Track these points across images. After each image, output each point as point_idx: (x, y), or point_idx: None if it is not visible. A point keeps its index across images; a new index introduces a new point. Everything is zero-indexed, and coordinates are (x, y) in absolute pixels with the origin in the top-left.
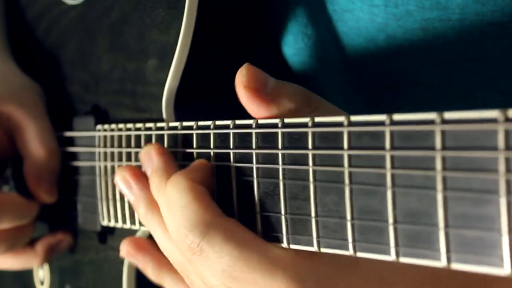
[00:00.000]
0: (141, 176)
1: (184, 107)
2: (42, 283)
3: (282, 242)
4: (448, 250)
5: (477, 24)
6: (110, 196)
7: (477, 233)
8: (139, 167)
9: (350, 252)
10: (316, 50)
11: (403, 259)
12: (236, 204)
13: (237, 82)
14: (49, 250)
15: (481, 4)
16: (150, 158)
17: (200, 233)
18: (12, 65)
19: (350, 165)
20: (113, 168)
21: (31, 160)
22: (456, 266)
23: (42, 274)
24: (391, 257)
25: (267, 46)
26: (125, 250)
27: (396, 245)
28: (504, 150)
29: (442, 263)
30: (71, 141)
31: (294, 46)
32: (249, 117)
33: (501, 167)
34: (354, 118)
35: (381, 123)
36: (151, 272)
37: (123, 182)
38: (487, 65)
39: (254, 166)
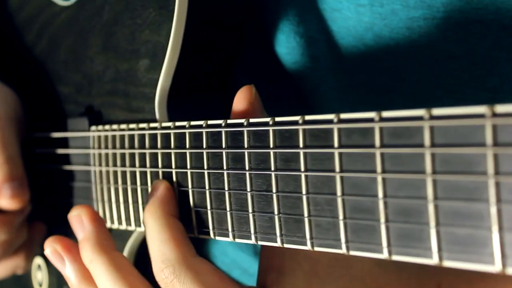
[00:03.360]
0: (71, 248)
1: (177, 107)
2: (40, 285)
3: (276, 242)
4: (439, 249)
5: (462, 22)
6: (106, 198)
7: (468, 230)
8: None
9: (343, 251)
10: (308, 48)
11: (395, 257)
12: (228, 204)
13: (244, 97)
14: (29, 247)
15: (465, 2)
16: (81, 222)
17: (174, 271)
18: None
19: (341, 163)
20: (107, 169)
21: None
22: (448, 264)
23: (40, 276)
24: (384, 255)
25: (260, 45)
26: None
27: (388, 244)
28: (492, 146)
29: (434, 261)
30: (65, 143)
31: (287, 45)
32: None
33: (489, 163)
34: (344, 115)
35: (370, 120)
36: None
37: (53, 255)
38: (473, 63)
39: (247, 165)
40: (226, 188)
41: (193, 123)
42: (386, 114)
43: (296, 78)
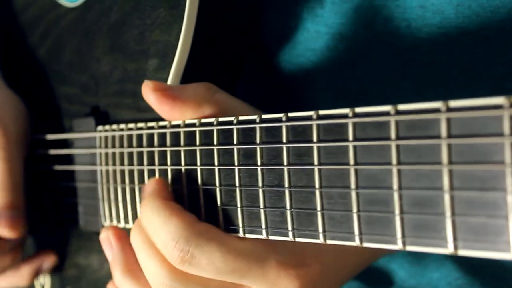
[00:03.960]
0: (122, 237)
1: None
2: (43, 286)
3: (287, 236)
4: (455, 238)
5: None
6: (112, 197)
7: (483, 220)
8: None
9: (357, 243)
10: (311, 42)
11: (410, 248)
12: (239, 199)
13: (145, 91)
14: (34, 271)
15: None
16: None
17: (186, 241)
18: None
19: (355, 156)
20: (114, 169)
21: None
22: (463, 252)
23: (43, 278)
24: (398, 246)
25: (263, 49)
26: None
27: (403, 235)
28: (510, 135)
29: (449, 250)
30: (71, 143)
31: (292, 39)
32: None
33: (507, 153)
34: (358, 109)
35: (386, 113)
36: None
37: (104, 241)
38: (486, 37)
39: (258, 161)
40: (237, 184)
41: (203, 120)
42: (402, 107)
43: (297, 71)
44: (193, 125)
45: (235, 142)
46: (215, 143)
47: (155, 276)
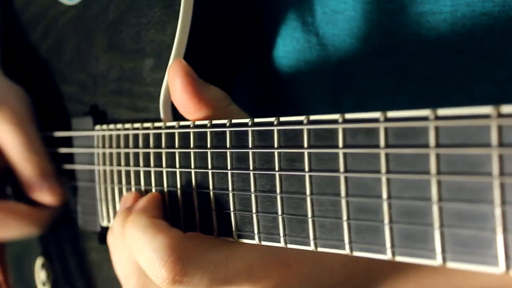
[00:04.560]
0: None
1: None
2: (44, 284)
3: (279, 242)
4: (443, 250)
5: (469, 15)
6: (110, 197)
7: (472, 232)
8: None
9: (347, 251)
10: (304, 53)
11: (399, 258)
12: (232, 204)
13: (177, 70)
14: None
15: None
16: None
17: (179, 258)
18: None
19: (345, 163)
20: (111, 169)
21: (21, 172)
22: (451, 265)
23: (44, 276)
24: (387, 256)
25: (259, 49)
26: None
27: (392, 245)
28: (497, 146)
29: (437, 262)
30: (69, 142)
31: (283, 49)
32: None
33: (495, 164)
34: (348, 115)
35: (376, 120)
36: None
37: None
38: (480, 56)
39: (251, 165)
40: (230, 188)
41: (197, 122)
42: (391, 114)
43: (291, 82)
44: (188, 126)
45: (228, 146)
46: (208, 145)
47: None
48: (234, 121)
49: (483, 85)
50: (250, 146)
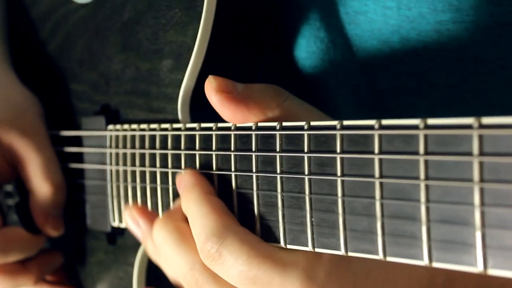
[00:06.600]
0: (148, 215)
1: (199, 108)
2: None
3: (307, 246)
4: (485, 256)
5: (491, 25)
6: (122, 194)
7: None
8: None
9: (380, 256)
10: (328, 53)
11: (436, 264)
12: (257, 209)
13: (208, 91)
14: (42, 269)
15: (494, 5)
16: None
17: (218, 239)
18: (11, 78)
19: (380, 169)
20: (125, 169)
21: (37, 196)
22: (493, 272)
23: None
24: (424, 262)
25: (280, 49)
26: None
27: (429, 251)
28: None
29: (478, 268)
30: (78, 141)
31: (306, 49)
32: None
33: None
34: (385, 121)
35: (415, 127)
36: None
37: (131, 219)
38: (502, 66)
39: (278, 169)
40: (255, 190)
41: (220, 124)
42: (431, 121)
43: (314, 83)
44: (210, 129)
45: (253, 149)
46: (232, 148)
47: (185, 264)
48: (260, 124)
49: (503, 96)
50: (277, 149)
